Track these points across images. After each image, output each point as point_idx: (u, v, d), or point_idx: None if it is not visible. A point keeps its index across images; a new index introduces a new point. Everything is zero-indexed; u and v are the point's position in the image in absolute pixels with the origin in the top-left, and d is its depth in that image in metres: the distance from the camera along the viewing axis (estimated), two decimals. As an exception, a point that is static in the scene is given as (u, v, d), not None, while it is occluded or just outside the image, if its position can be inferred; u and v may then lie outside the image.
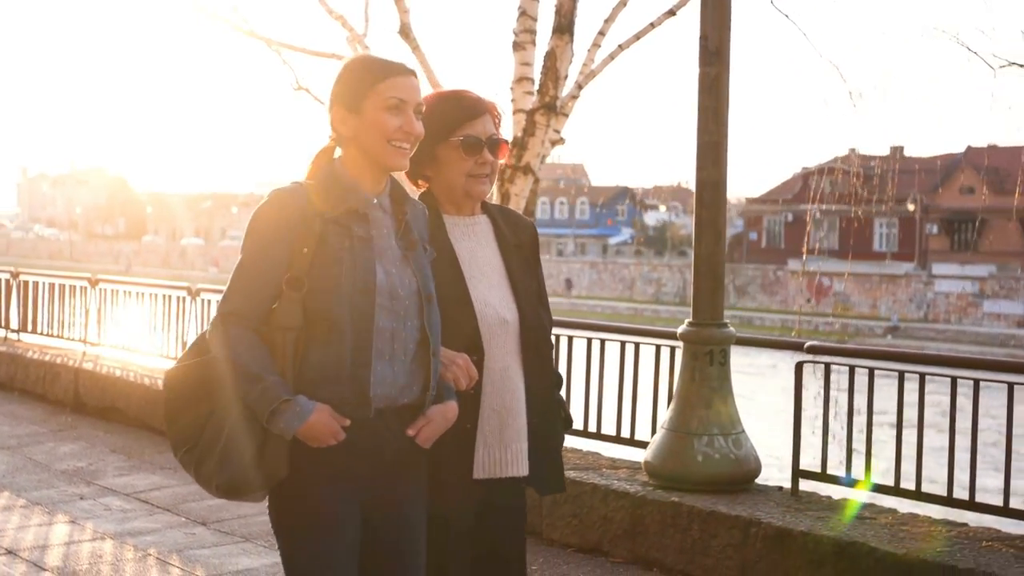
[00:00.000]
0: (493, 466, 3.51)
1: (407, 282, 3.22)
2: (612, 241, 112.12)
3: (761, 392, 30.99)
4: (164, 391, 3.27)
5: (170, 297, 10.90)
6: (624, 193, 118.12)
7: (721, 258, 6.48)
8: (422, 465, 3.32)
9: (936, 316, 68.54)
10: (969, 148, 74.52)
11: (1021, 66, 7.68)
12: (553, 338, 4.19)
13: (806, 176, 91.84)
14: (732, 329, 6.50)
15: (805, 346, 6.34)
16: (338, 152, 3.30)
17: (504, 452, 3.52)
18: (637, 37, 10.98)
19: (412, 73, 3.25)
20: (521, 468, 3.55)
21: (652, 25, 10.96)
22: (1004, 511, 5.59)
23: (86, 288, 11.97)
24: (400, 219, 3.29)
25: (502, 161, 3.59)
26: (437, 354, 3.27)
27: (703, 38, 6.35)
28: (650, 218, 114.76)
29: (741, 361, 12.12)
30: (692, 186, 6.60)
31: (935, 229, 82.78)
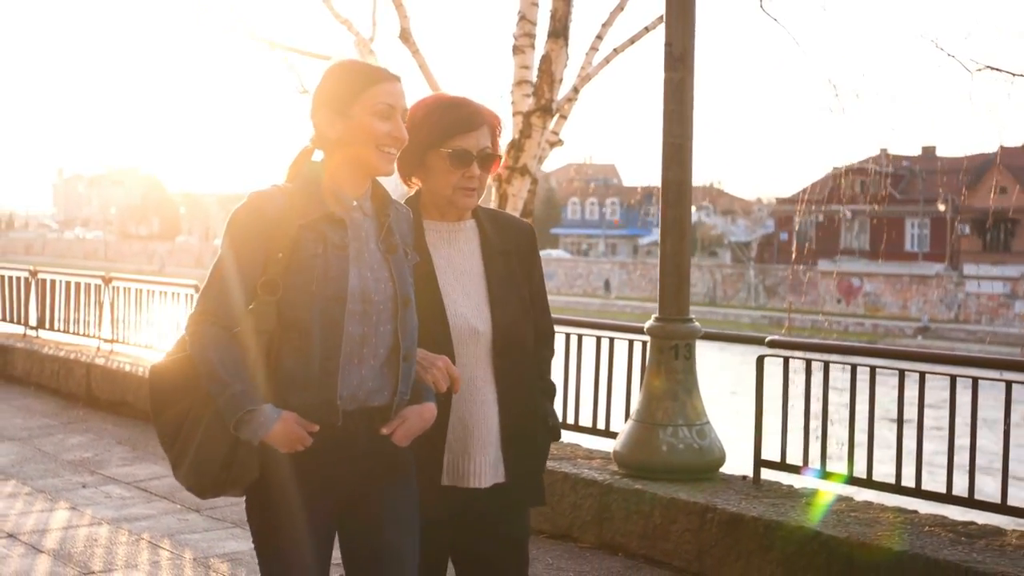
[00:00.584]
0: (457, 475, 3.50)
1: (383, 286, 3.23)
2: (642, 241, 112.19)
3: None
4: (149, 385, 3.29)
5: (178, 295, 11.26)
6: (655, 194, 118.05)
7: (686, 256, 6.72)
8: (406, 465, 3.33)
9: (967, 317, 68.25)
10: (1002, 148, 74.30)
11: (996, 69, 7.87)
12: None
13: (837, 176, 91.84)
14: (697, 324, 6.75)
15: (766, 340, 6.60)
16: (318, 155, 3.31)
17: (467, 463, 3.50)
18: (632, 41, 11.27)
19: (398, 79, 3.27)
20: (485, 479, 3.51)
21: (647, 29, 11.24)
22: (947, 498, 5.82)
23: (100, 286, 12.34)
24: (382, 222, 3.30)
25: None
26: (410, 358, 3.27)
27: (668, 44, 6.61)
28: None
29: (742, 359, 12.32)
30: (724, 186, 6.84)
31: (967, 229, 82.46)
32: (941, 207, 77.52)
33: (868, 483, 6.10)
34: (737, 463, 6.85)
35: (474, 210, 3.65)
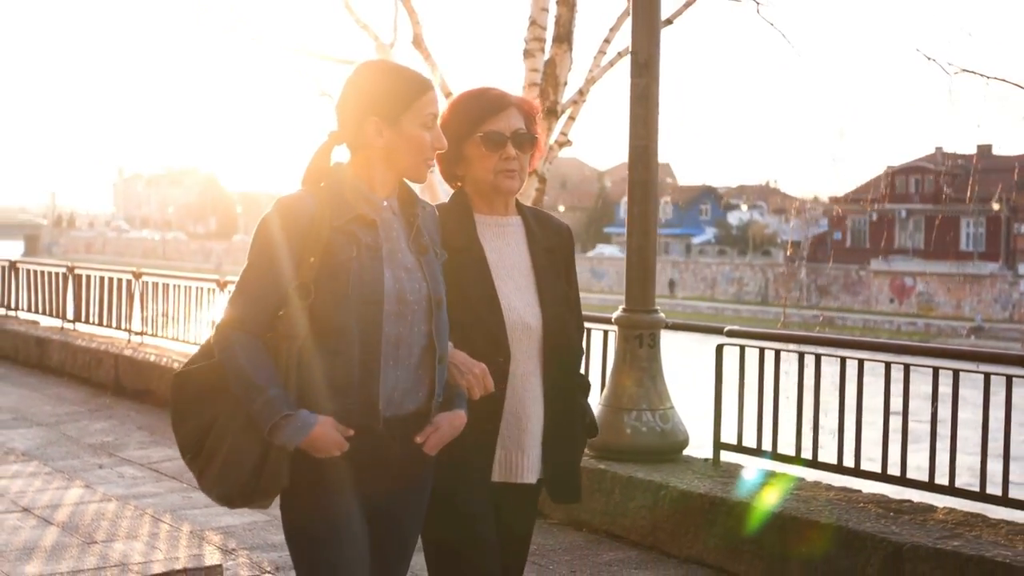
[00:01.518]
0: (509, 470, 3.52)
1: (417, 286, 3.21)
2: (695, 240, 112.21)
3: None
4: (171, 394, 3.26)
5: (202, 289, 11.81)
6: (708, 192, 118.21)
7: (651, 251, 7.11)
8: (425, 472, 3.33)
9: (1022, 317, 67.76)
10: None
11: (974, 72, 8.19)
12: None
13: (892, 175, 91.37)
14: (662, 315, 7.15)
15: (725, 330, 7.00)
16: (341, 153, 3.30)
17: (521, 457, 3.53)
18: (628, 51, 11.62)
19: (432, 85, 3.27)
20: (535, 474, 3.56)
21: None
22: (882, 477, 6.20)
23: (131, 281, 12.93)
24: (411, 222, 3.28)
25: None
26: (444, 360, 3.27)
27: (633, 52, 7.03)
28: (733, 217, 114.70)
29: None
30: (780, 185, 7.15)
31: (1023, 228, 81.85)
32: (995, 206, 76.92)
33: (814, 463, 6.49)
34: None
35: (519, 207, 3.69)
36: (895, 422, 6.09)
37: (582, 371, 3.89)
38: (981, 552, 5.06)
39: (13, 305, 16.06)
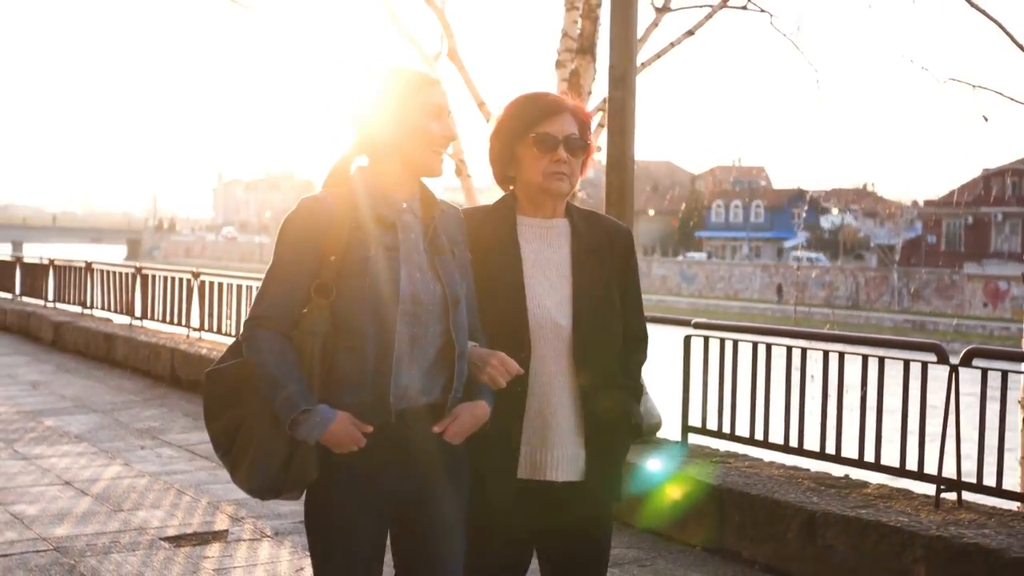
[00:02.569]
0: (535, 468, 3.51)
1: (431, 288, 3.26)
2: (787, 244, 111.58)
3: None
4: (205, 389, 3.37)
5: (252, 288, 12.64)
6: (800, 196, 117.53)
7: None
8: (459, 463, 3.38)
9: (1119, 321, 66.63)
10: None
11: (961, 81, 8.63)
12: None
13: (988, 177, 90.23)
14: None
15: (692, 323, 7.59)
16: (362, 159, 3.38)
17: (546, 455, 3.51)
18: (658, 56, 12.22)
19: (441, 81, 3.38)
20: (564, 473, 3.52)
21: (672, 44, 12.19)
22: (821, 456, 6.76)
23: (190, 281, 13.82)
24: (429, 223, 3.34)
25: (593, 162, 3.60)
26: (463, 356, 3.31)
27: (611, 67, 7.64)
28: (826, 221, 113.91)
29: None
30: (877, 188, 7.66)
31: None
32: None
33: (764, 444, 7.08)
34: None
35: (569, 210, 3.68)
36: (840, 404, 6.64)
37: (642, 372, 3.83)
38: (879, 518, 5.62)
39: (88, 303, 17.12)
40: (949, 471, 6.06)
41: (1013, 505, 6.50)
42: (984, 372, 5.97)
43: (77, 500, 7.55)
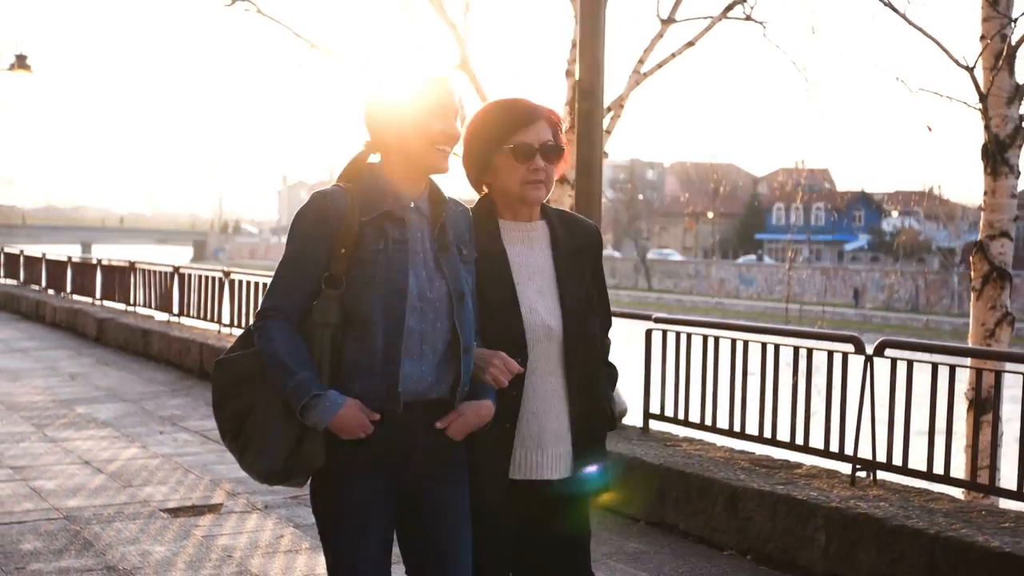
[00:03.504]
0: (530, 468, 3.57)
1: (437, 284, 3.33)
2: (848, 247, 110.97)
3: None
4: (213, 379, 3.43)
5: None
6: (863, 198, 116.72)
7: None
8: (460, 460, 3.44)
9: None
10: None
11: (934, 92, 9.05)
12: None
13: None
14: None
15: (653, 317, 8.19)
16: (376, 156, 3.43)
17: (541, 455, 3.58)
18: (659, 66, 12.80)
19: (447, 78, 3.40)
20: (559, 471, 3.60)
21: (673, 55, 12.76)
22: (767, 441, 7.33)
23: (221, 279, 14.61)
24: (436, 221, 3.40)
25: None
26: (469, 351, 3.37)
27: (580, 80, 8.25)
28: (887, 224, 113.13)
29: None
30: (944, 191, 8.13)
31: None
32: None
33: (713, 428, 7.66)
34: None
35: (545, 211, 3.75)
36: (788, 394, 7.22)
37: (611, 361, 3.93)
38: (791, 493, 6.21)
39: (131, 301, 18.00)
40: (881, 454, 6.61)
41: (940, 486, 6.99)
42: (893, 362, 6.52)
43: (92, 477, 8.28)
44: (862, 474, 6.62)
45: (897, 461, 6.58)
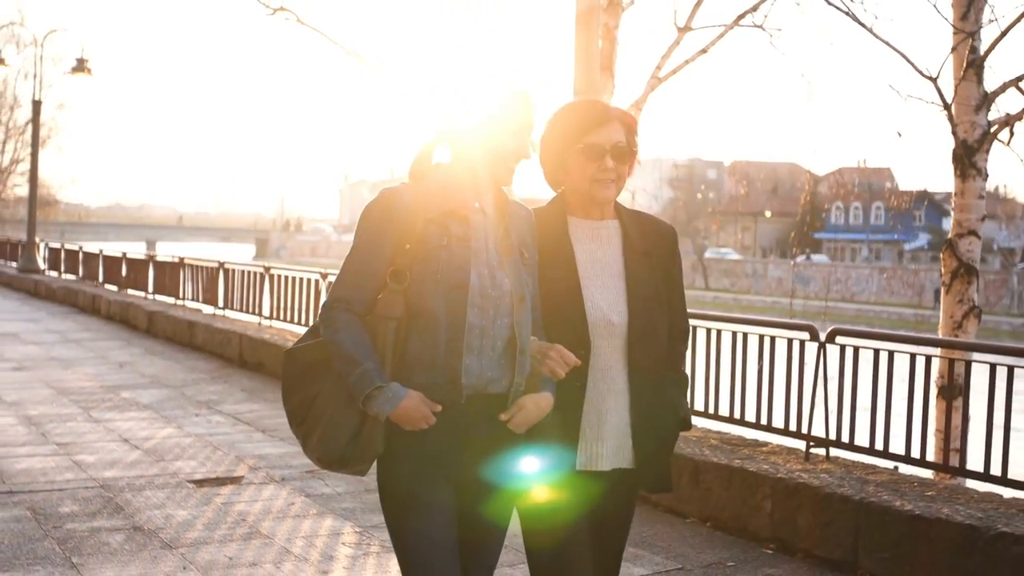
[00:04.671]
0: (591, 459, 3.64)
1: (500, 282, 3.37)
2: (908, 247, 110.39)
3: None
4: (283, 368, 3.53)
5: (313, 281, 14.16)
6: (923, 198, 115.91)
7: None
8: (517, 453, 3.47)
9: None
10: None
11: (921, 100, 9.54)
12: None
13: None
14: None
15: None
16: (444, 154, 3.51)
17: (601, 446, 3.65)
18: (674, 72, 13.44)
19: (529, 95, 3.47)
20: (617, 462, 3.67)
21: (687, 62, 13.41)
22: (730, 420, 7.96)
23: (262, 274, 15.44)
24: (501, 223, 3.47)
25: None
26: (525, 351, 3.42)
27: (576, 92, 8.91)
28: (948, 223, 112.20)
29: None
30: (1010, 190, 8.67)
31: None
32: None
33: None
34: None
35: (618, 211, 3.83)
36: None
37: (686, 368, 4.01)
38: (745, 466, 6.85)
39: (180, 295, 18.91)
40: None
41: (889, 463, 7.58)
42: (842, 348, 7.14)
43: (129, 452, 9.07)
44: (821, 451, 7.22)
45: (863, 442, 7.11)
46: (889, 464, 7.10)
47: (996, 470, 6.36)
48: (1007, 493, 6.32)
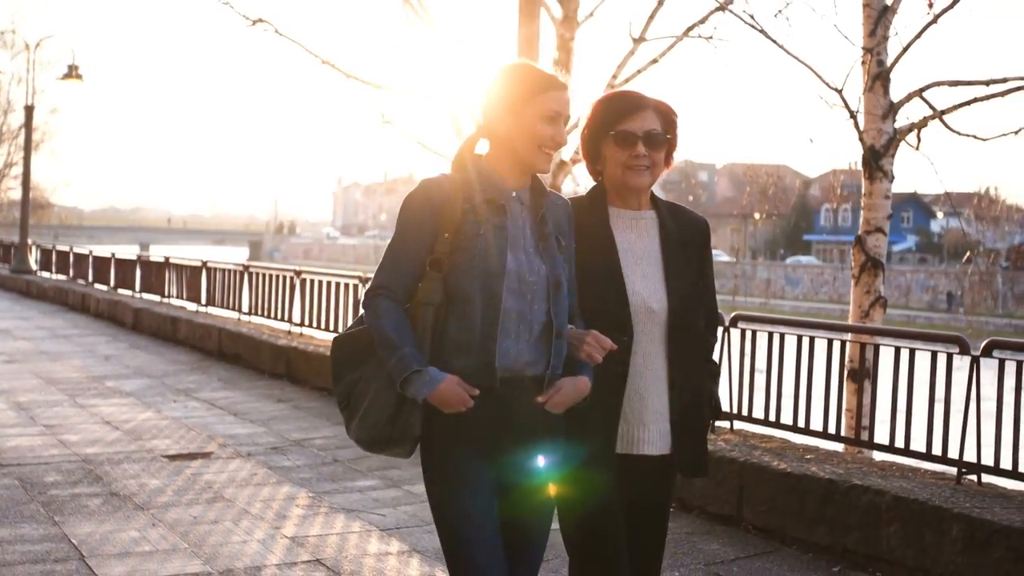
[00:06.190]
0: (631, 443, 3.69)
1: (537, 268, 3.43)
2: (896, 248, 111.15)
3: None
4: (331, 354, 3.64)
5: (285, 278, 14.98)
6: (911, 199, 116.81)
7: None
8: (554, 434, 3.52)
9: None
10: None
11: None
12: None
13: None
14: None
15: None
16: (484, 145, 3.56)
17: (641, 431, 3.70)
18: (628, 80, 14.25)
19: (566, 87, 3.49)
20: (657, 447, 3.73)
21: (639, 71, 14.22)
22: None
23: (242, 272, 16.30)
24: (537, 212, 3.51)
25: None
26: (562, 336, 3.47)
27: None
28: (936, 225, 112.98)
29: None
30: (1002, 192, 9.36)
31: None
32: None
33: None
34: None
35: (655, 202, 3.89)
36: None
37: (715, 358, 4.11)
38: (788, 468, 7.02)
39: (166, 293, 19.75)
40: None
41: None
42: (743, 332, 7.97)
43: (110, 433, 9.89)
44: (724, 424, 8.03)
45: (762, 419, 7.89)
46: (810, 440, 7.76)
47: (901, 443, 7.00)
48: (907, 462, 7.03)
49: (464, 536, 3.40)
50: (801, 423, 7.69)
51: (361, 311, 3.58)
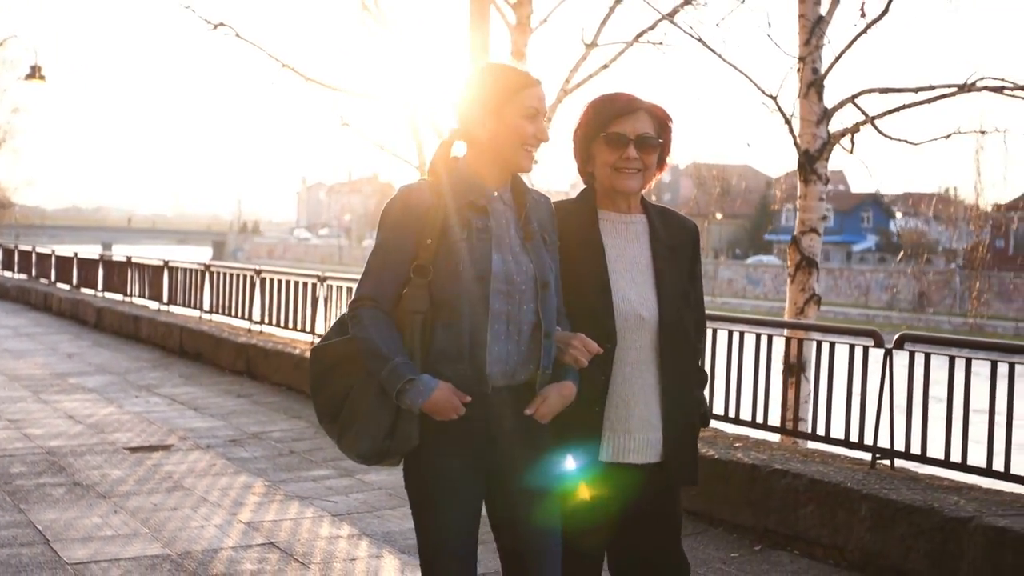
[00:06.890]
0: (618, 452, 3.63)
1: (524, 268, 3.41)
2: (856, 248, 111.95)
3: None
4: (310, 365, 3.56)
5: (244, 277, 15.30)
6: (872, 200, 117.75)
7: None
8: (546, 444, 3.50)
9: None
10: None
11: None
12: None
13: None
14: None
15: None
16: (461, 148, 3.53)
17: (628, 440, 3.63)
18: (578, 86, 14.66)
19: (541, 83, 3.46)
20: (644, 456, 3.65)
21: (590, 76, 14.63)
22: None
23: (203, 271, 16.61)
24: (520, 211, 3.49)
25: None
26: (551, 335, 3.43)
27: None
28: (895, 225, 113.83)
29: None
30: (960, 193, 9.67)
31: None
32: None
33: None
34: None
35: (645, 206, 3.82)
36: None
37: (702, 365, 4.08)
38: (716, 455, 7.42)
39: (128, 292, 20.03)
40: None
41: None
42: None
43: (73, 427, 10.20)
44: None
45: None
46: (741, 430, 8.12)
47: (837, 434, 7.31)
48: (831, 449, 7.44)
49: (440, 544, 3.43)
50: (732, 413, 8.04)
51: (335, 320, 3.60)
